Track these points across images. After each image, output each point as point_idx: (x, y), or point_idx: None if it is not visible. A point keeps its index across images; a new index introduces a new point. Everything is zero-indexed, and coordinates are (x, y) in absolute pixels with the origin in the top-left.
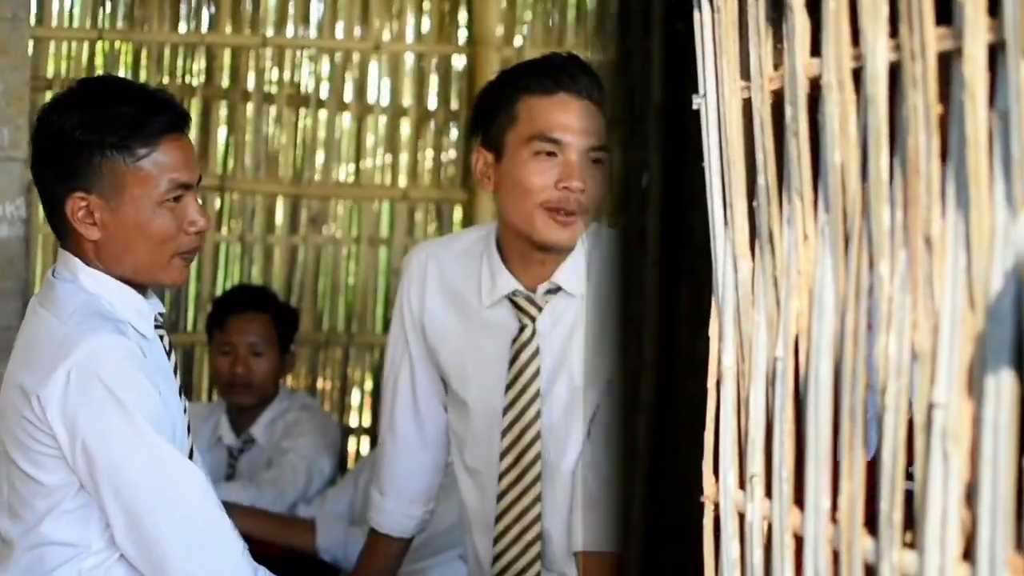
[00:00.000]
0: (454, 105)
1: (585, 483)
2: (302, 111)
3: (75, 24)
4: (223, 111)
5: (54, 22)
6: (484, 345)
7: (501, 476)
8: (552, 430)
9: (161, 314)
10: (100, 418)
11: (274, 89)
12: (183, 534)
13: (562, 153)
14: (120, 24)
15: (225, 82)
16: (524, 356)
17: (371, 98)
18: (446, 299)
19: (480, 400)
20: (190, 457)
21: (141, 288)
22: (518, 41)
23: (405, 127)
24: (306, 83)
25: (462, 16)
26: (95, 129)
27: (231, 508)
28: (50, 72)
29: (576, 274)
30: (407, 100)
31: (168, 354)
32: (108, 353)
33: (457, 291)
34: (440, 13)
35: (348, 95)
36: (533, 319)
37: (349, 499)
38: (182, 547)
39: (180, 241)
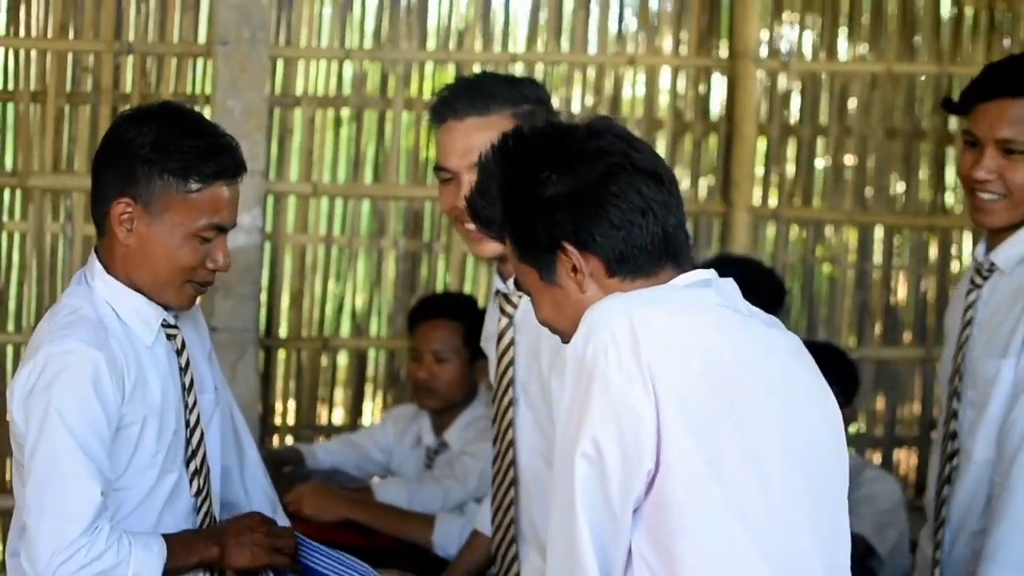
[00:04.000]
0: (713, 118)
1: None
2: None
3: (323, 44)
4: None
5: (303, 42)
6: (491, 339)
7: (494, 462)
8: (538, 421)
9: (176, 315)
10: (35, 414)
11: None
12: (50, 543)
13: (454, 176)
14: (368, 43)
15: None
16: (501, 347)
17: (625, 112)
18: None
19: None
20: (183, 447)
21: None
22: (784, 53)
23: (661, 141)
24: (557, 98)
25: (723, 28)
26: (163, 151)
27: (357, 501)
28: (299, 91)
29: None
30: (662, 113)
31: (178, 354)
32: (61, 359)
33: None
34: (699, 25)
35: (602, 110)
36: (510, 316)
37: None
38: (47, 554)
39: (198, 273)
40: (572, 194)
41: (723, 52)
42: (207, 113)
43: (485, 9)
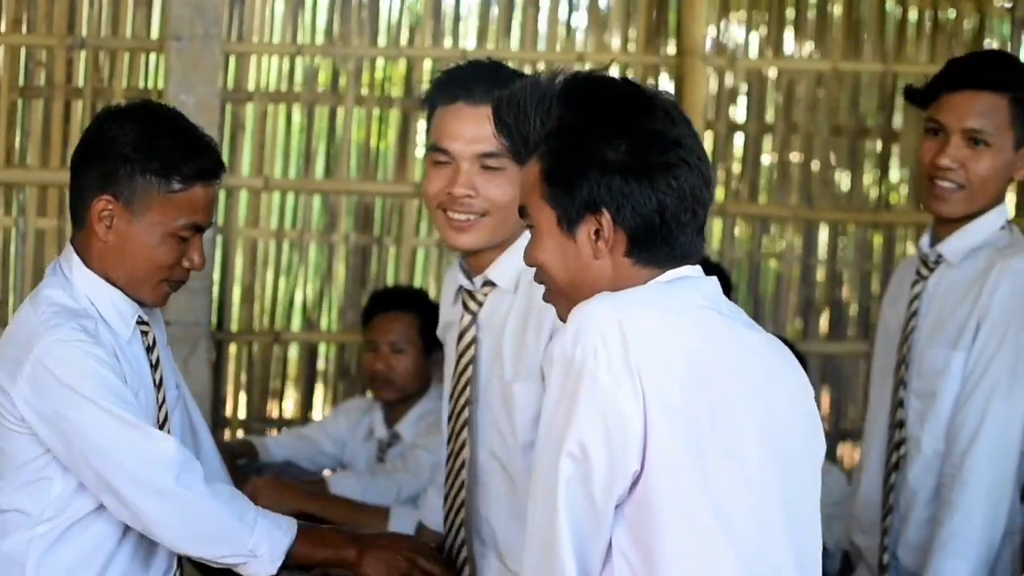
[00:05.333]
0: None
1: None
2: None
3: (275, 40)
4: (422, 122)
5: (255, 38)
6: (450, 339)
7: (447, 461)
8: (495, 423)
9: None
10: (58, 405)
11: None
12: (151, 496)
13: (453, 161)
14: (319, 39)
15: None
16: (462, 345)
17: None
18: (449, 297)
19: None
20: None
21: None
22: (732, 50)
23: None
24: None
25: (670, 26)
26: (145, 151)
27: (311, 494)
28: (251, 86)
29: (511, 270)
30: None
31: (149, 350)
32: (63, 348)
33: (453, 289)
34: (647, 23)
35: None
36: (474, 313)
37: None
38: (154, 508)
39: (174, 272)
40: (634, 169)
41: (671, 50)
42: None
43: (436, 5)
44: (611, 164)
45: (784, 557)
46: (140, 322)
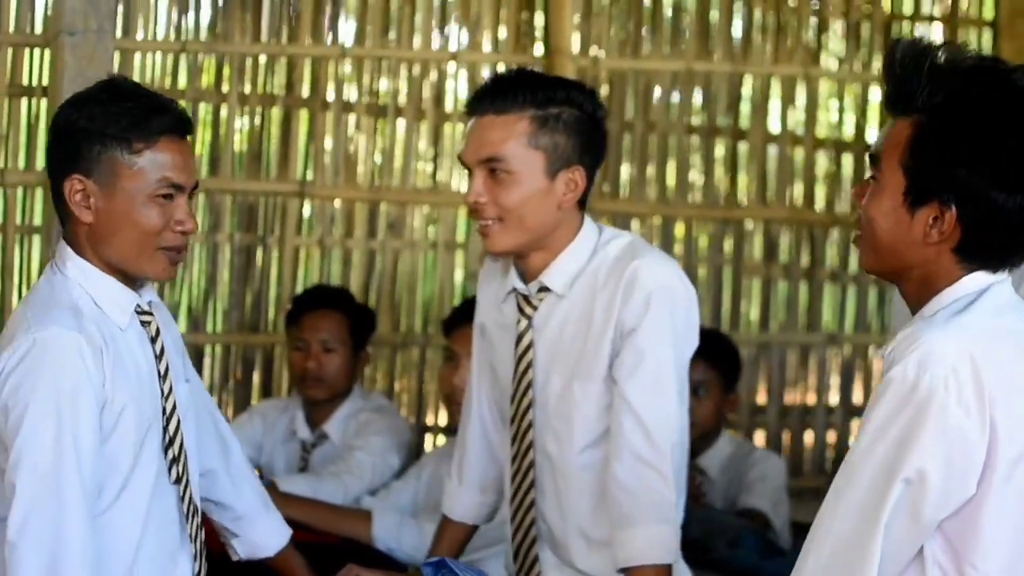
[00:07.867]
0: None
1: (615, 502)
2: (380, 119)
3: (159, 36)
4: (303, 120)
5: (139, 35)
6: (502, 338)
7: (512, 461)
8: (549, 422)
9: (150, 303)
10: (22, 403)
11: (353, 98)
12: (34, 527)
13: (471, 171)
14: (203, 36)
15: (305, 92)
16: (520, 348)
17: (448, 106)
18: (492, 296)
19: (504, 391)
20: (153, 436)
21: (132, 280)
22: (594, 51)
23: None
24: (384, 92)
25: (538, 26)
26: (99, 120)
27: (292, 498)
28: None
29: (564, 275)
30: None
31: (153, 340)
32: (46, 345)
33: (498, 289)
34: (516, 23)
35: (426, 104)
36: (530, 317)
37: (412, 492)
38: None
39: (165, 237)
40: (998, 180)
41: (539, 50)
42: (43, 106)
43: (316, 4)
44: (979, 167)
45: None
46: (141, 312)
